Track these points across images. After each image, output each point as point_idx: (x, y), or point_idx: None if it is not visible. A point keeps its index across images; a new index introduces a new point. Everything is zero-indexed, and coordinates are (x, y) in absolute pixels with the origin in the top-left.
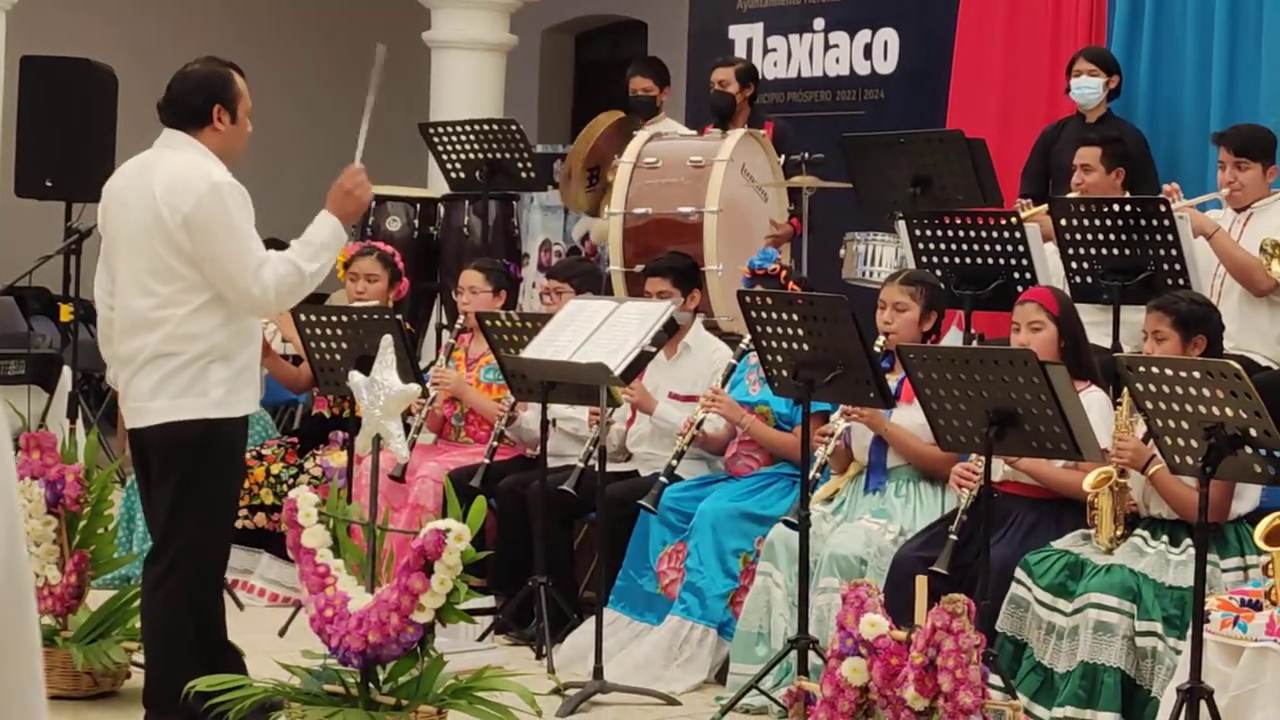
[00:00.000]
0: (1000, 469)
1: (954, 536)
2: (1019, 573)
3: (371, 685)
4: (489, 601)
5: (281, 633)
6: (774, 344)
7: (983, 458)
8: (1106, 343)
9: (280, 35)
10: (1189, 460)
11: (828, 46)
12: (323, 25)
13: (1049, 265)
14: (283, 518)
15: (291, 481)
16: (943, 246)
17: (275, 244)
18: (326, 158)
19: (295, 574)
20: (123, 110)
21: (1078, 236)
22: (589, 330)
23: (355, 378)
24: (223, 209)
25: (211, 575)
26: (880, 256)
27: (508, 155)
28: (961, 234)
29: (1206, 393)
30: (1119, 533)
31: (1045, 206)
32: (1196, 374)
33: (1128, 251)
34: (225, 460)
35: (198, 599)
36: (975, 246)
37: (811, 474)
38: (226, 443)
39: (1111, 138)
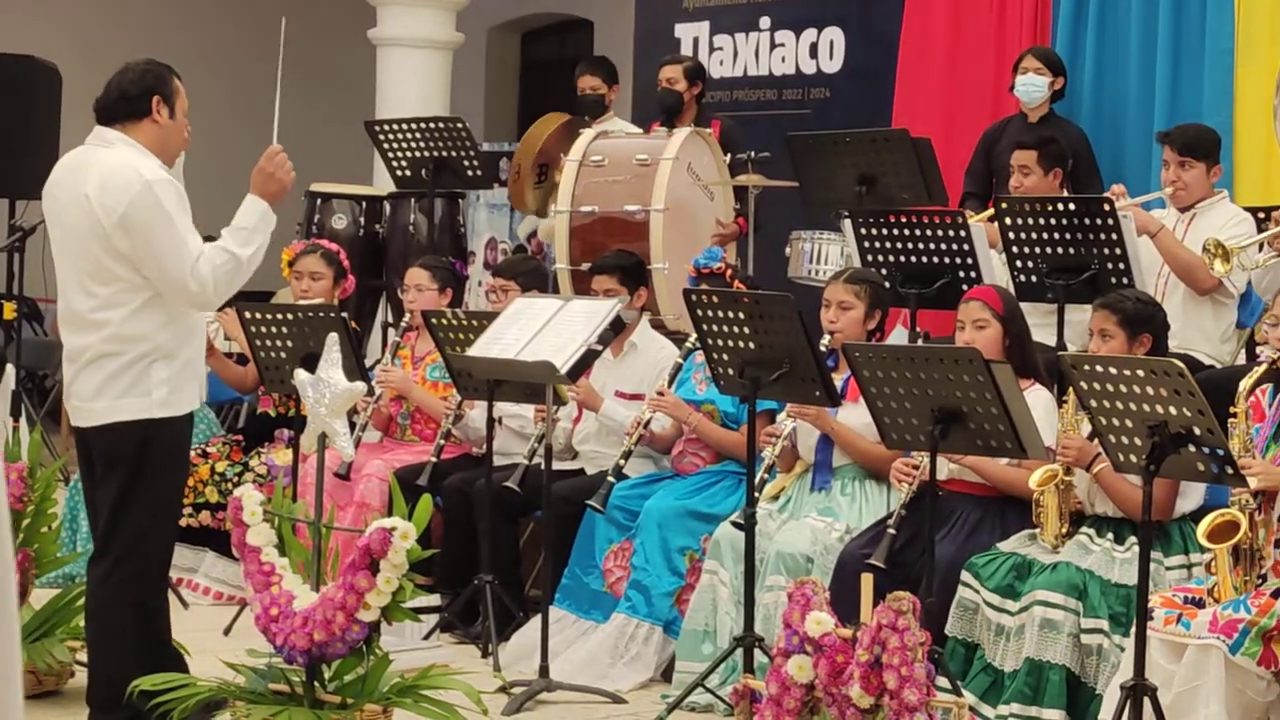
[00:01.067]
0: (946, 467)
1: (892, 531)
2: (966, 575)
3: (317, 684)
4: (434, 600)
5: (226, 631)
6: (720, 342)
7: (922, 453)
8: (1051, 341)
9: (225, 33)
10: (1133, 458)
11: (774, 45)
12: (267, 23)
13: (994, 264)
14: (228, 516)
15: (236, 480)
16: (888, 245)
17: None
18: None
19: (240, 572)
20: (66, 107)
21: (1022, 236)
22: (535, 328)
23: (300, 376)
24: (157, 206)
25: (155, 574)
26: (826, 255)
27: (454, 153)
28: (907, 233)
29: (1150, 391)
30: (1064, 530)
31: (989, 213)
32: (1140, 372)
33: (1072, 250)
34: (169, 459)
35: (141, 598)
36: (920, 245)
37: (760, 475)
38: (170, 442)
39: (1046, 138)
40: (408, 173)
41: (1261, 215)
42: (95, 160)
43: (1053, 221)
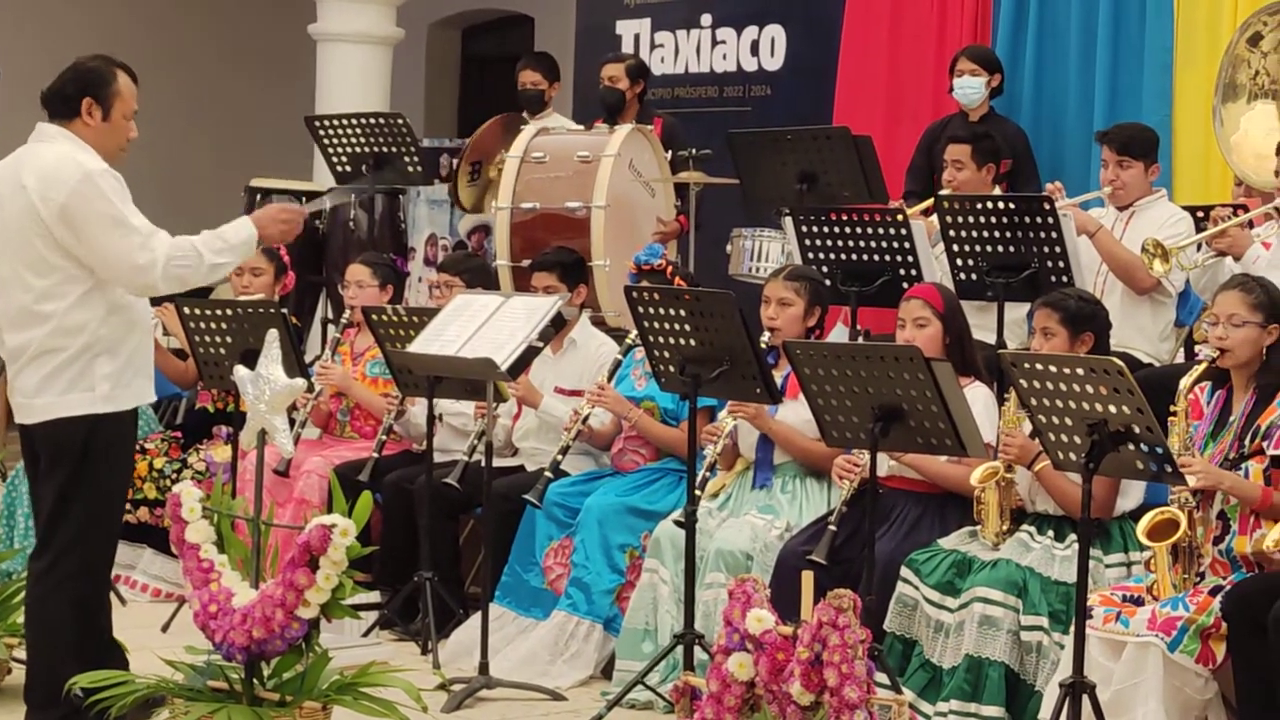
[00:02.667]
0: (886, 463)
1: (833, 527)
2: (906, 572)
3: (256, 681)
4: (374, 597)
5: (165, 628)
6: (660, 339)
7: (863, 450)
8: (990, 339)
9: (167, 26)
10: (1072, 456)
11: (715, 43)
12: (211, 17)
13: (934, 262)
14: (166, 512)
15: (175, 476)
16: (829, 243)
17: None
18: (208, 145)
19: (179, 569)
20: (14, 100)
21: (962, 234)
22: (476, 325)
23: (240, 372)
24: (98, 195)
25: (96, 571)
26: (766, 252)
27: (394, 149)
28: (847, 230)
29: (1090, 389)
30: (1005, 528)
31: (925, 205)
32: (1080, 371)
33: (1012, 249)
34: (112, 455)
35: (82, 594)
36: (861, 243)
37: (701, 474)
38: (113, 438)
39: (980, 134)
40: (348, 168)
41: (1200, 214)
42: (34, 155)
43: (993, 220)
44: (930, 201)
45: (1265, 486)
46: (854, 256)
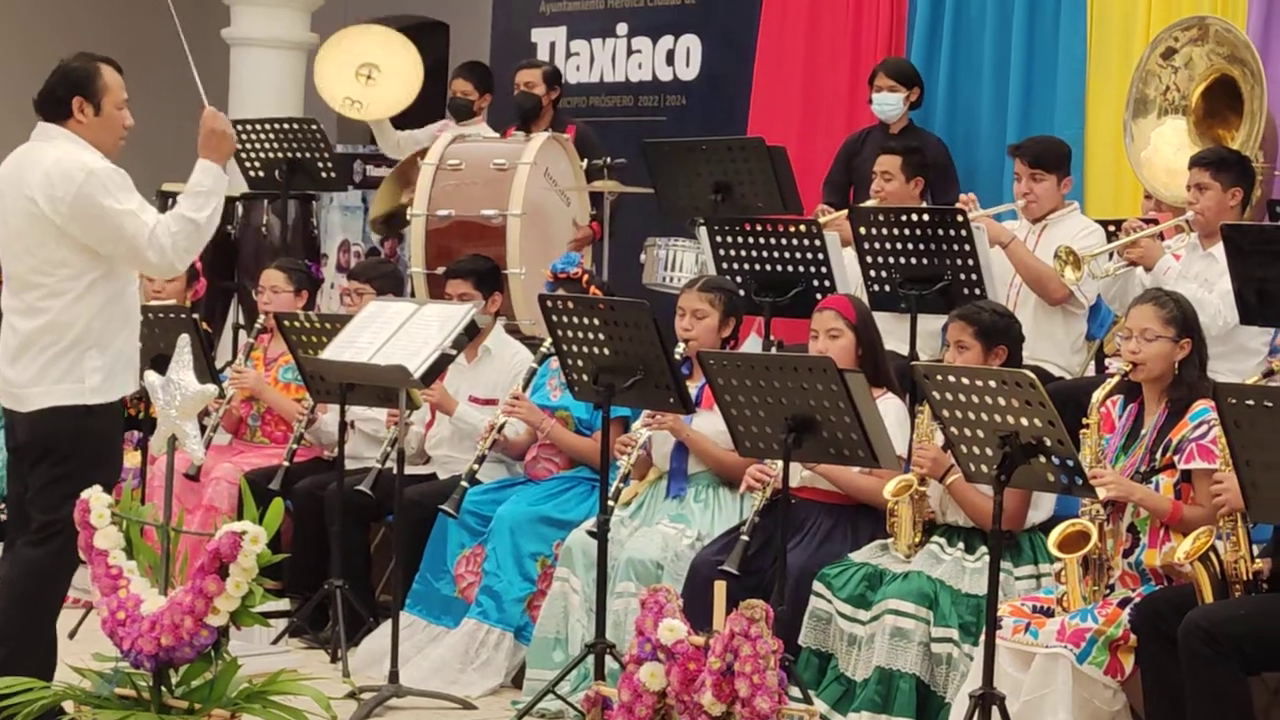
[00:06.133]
0: (799, 474)
1: (745, 537)
2: (818, 586)
3: (164, 689)
4: (284, 604)
5: (72, 635)
6: (575, 348)
7: (776, 460)
8: (903, 350)
9: (75, 27)
10: (984, 468)
11: (630, 52)
12: (121, 18)
13: (848, 273)
14: (75, 518)
15: None
16: (743, 253)
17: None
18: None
19: (87, 575)
20: None
21: (876, 245)
22: (389, 332)
23: (151, 377)
24: (103, 193)
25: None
26: (681, 262)
27: (308, 155)
28: (762, 241)
29: (1001, 401)
30: (917, 539)
31: (844, 213)
32: (992, 383)
33: (925, 261)
34: (101, 445)
35: (56, 581)
36: (775, 254)
37: (615, 485)
38: (103, 429)
39: (911, 147)
40: (261, 173)
41: (1111, 228)
42: (38, 157)
43: (906, 232)
44: (843, 213)
45: (1176, 500)
46: (768, 267)
